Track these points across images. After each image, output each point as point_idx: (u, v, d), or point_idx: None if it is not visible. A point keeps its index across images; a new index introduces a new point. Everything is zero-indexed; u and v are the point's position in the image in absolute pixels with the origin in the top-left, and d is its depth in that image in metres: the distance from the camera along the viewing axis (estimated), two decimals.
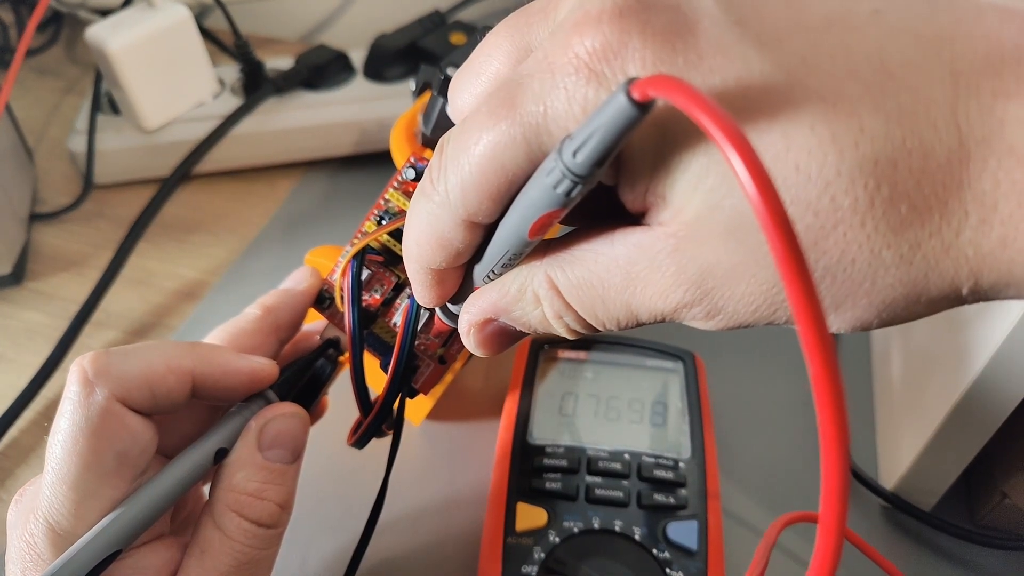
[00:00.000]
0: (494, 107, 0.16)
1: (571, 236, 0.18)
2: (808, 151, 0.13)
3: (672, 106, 0.12)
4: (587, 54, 0.14)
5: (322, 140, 0.49)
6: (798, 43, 0.14)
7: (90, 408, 0.21)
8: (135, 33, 0.45)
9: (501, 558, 0.28)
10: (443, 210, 0.17)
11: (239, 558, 0.22)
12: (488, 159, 0.16)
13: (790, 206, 0.14)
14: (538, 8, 0.17)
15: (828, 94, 0.14)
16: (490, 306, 0.19)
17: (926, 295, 0.15)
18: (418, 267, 0.19)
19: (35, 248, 0.46)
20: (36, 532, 0.21)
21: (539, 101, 0.15)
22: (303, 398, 0.26)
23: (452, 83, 0.19)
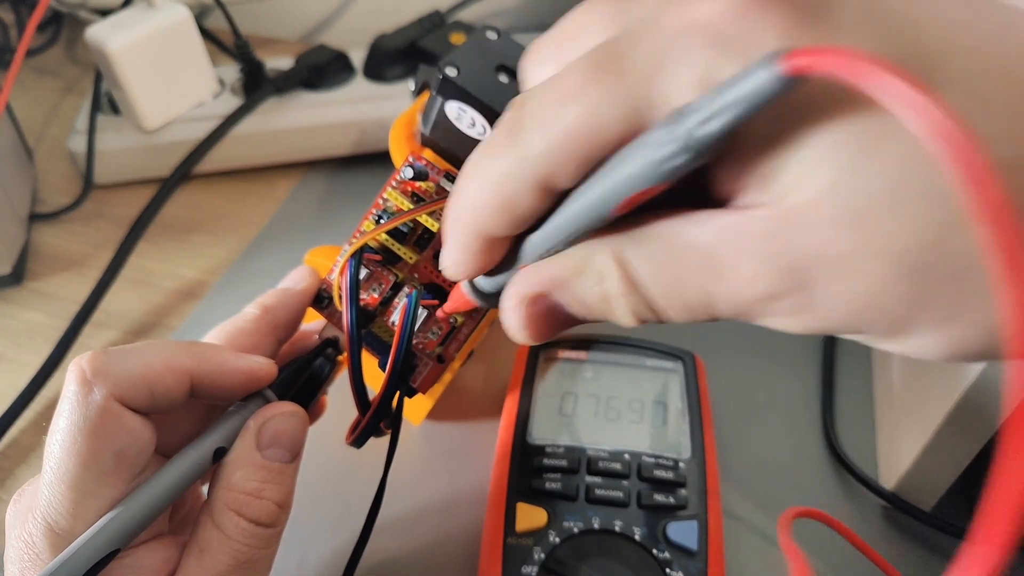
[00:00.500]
0: (595, 66, 0.14)
1: (644, 214, 0.16)
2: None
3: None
4: (714, 17, 0.13)
5: (322, 140, 0.49)
6: (932, 31, 0.14)
7: (88, 407, 0.21)
8: (135, 33, 0.45)
9: (501, 558, 0.28)
10: (518, 168, 0.16)
11: (237, 557, 0.22)
12: (584, 120, 0.14)
13: (916, 196, 0.13)
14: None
15: (970, 87, 0.13)
16: (546, 279, 0.17)
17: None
18: (469, 231, 0.18)
19: (35, 248, 0.46)
20: (34, 531, 0.21)
21: (650, 65, 0.14)
22: (302, 397, 0.26)
23: (531, 52, 0.17)
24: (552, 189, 0.16)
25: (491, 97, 0.26)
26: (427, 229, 0.27)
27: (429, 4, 0.52)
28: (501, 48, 0.27)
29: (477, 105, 0.26)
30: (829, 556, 0.30)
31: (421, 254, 0.28)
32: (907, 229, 0.13)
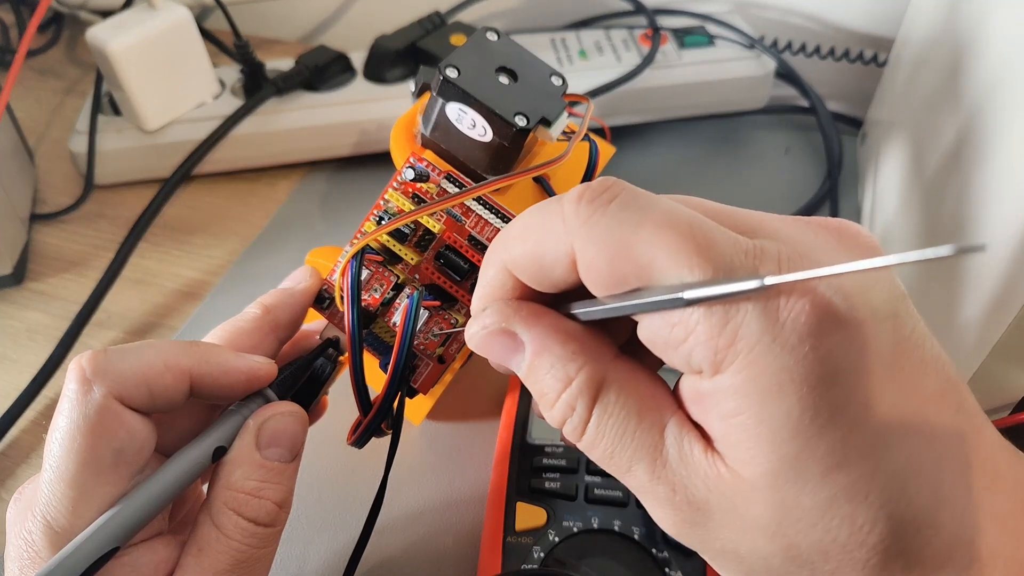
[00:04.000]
0: (701, 241, 0.16)
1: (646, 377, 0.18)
2: (882, 491, 0.15)
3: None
4: (792, 319, 0.15)
5: (322, 141, 0.49)
6: (912, 407, 0.16)
7: (88, 406, 0.21)
8: (136, 34, 0.45)
9: (501, 557, 0.28)
10: (560, 241, 0.17)
11: (237, 556, 0.22)
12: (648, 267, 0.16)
13: (836, 519, 0.15)
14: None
15: (915, 458, 0.16)
16: (539, 331, 0.18)
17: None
18: (497, 259, 0.19)
19: (36, 248, 0.47)
20: (34, 530, 0.21)
21: (747, 276, 0.15)
22: (302, 397, 0.26)
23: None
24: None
25: (491, 98, 0.26)
26: (428, 230, 0.27)
27: (429, 5, 0.52)
28: (501, 49, 0.27)
29: (477, 106, 0.26)
30: None
31: (422, 255, 0.28)
32: (808, 537, 0.16)
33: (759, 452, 0.15)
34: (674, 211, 0.16)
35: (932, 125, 0.36)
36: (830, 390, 0.15)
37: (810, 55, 0.53)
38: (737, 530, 0.16)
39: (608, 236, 0.17)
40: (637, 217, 0.16)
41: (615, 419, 0.17)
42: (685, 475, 0.17)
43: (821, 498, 0.15)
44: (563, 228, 0.17)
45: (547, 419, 0.19)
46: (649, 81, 0.49)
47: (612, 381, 0.18)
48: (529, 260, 0.18)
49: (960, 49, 0.33)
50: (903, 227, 0.37)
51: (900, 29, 0.45)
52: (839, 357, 0.15)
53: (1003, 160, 0.27)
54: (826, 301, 0.15)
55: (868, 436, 0.15)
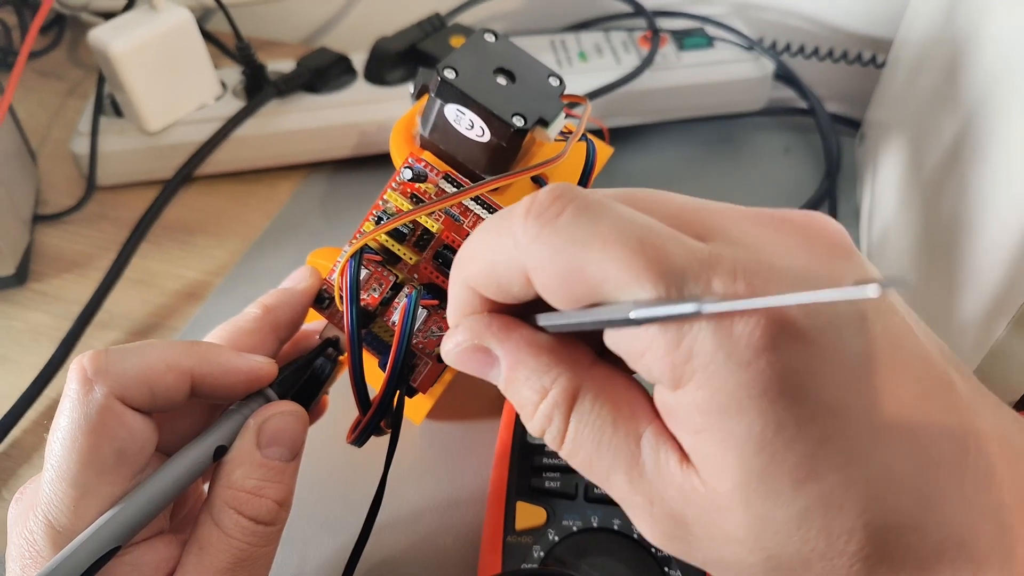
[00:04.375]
0: (651, 254, 0.15)
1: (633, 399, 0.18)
2: (856, 501, 0.15)
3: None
4: (746, 335, 0.15)
5: (323, 142, 0.50)
6: (889, 410, 0.16)
7: (89, 406, 0.21)
8: (137, 35, 0.45)
9: (501, 557, 0.28)
10: (512, 255, 0.17)
11: (237, 555, 0.22)
12: (598, 285, 0.16)
13: (815, 532, 0.15)
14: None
15: (891, 464, 0.15)
16: (511, 345, 0.18)
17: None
18: (459, 278, 0.19)
19: (38, 249, 0.47)
20: (35, 529, 0.21)
21: (697, 289, 0.15)
22: (302, 397, 0.26)
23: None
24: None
25: (489, 99, 0.26)
26: (427, 230, 0.28)
27: (429, 7, 0.53)
28: (499, 50, 0.27)
29: (475, 107, 0.26)
30: None
31: (421, 255, 0.28)
32: (786, 549, 0.16)
33: (728, 467, 0.15)
34: (625, 223, 0.16)
35: (930, 126, 0.36)
36: (793, 403, 0.15)
37: (809, 57, 0.53)
38: (718, 542, 0.16)
39: (558, 256, 0.16)
40: (587, 233, 0.16)
41: (591, 428, 0.17)
42: (661, 487, 0.17)
43: (794, 511, 0.15)
44: (513, 247, 0.17)
45: (528, 429, 0.19)
46: (648, 83, 0.49)
47: (588, 390, 0.18)
48: (486, 279, 0.18)
49: (958, 50, 0.34)
50: (901, 227, 0.37)
51: (898, 30, 0.45)
52: (800, 370, 0.15)
53: (1001, 160, 0.27)
54: (780, 314, 0.15)
55: (839, 446, 0.15)
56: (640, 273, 0.15)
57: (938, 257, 0.32)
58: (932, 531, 0.16)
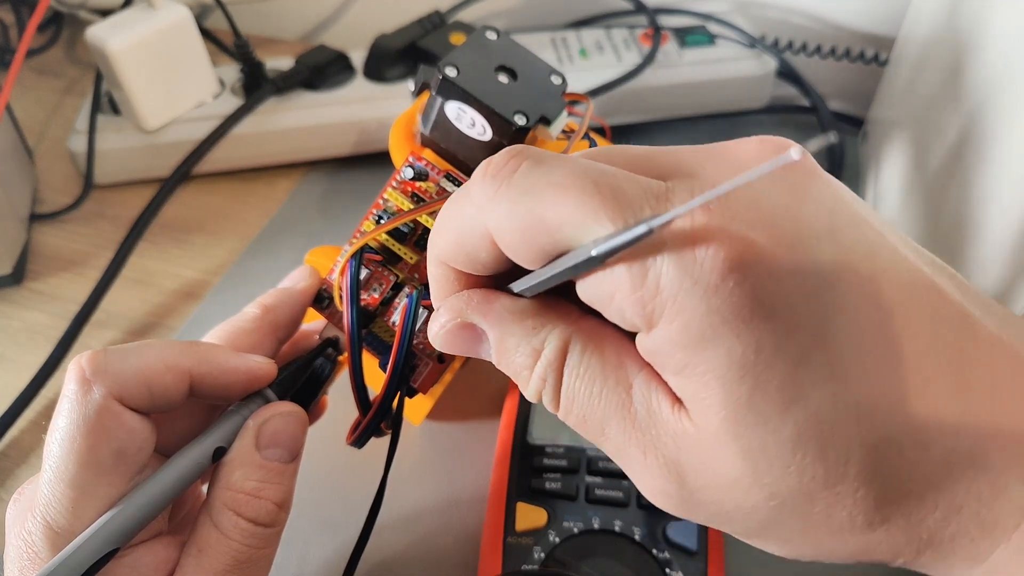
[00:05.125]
0: (607, 193, 0.15)
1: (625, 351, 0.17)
2: (848, 419, 0.15)
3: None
4: (699, 234, 0.15)
5: (322, 140, 0.49)
6: (870, 323, 0.15)
7: (87, 406, 0.21)
8: (135, 33, 0.45)
9: (501, 558, 0.28)
10: (479, 219, 0.17)
11: (237, 557, 0.22)
12: (559, 225, 0.16)
13: (810, 457, 0.15)
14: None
15: (876, 381, 0.15)
16: (494, 315, 0.18)
17: (867, 555, 0.16)
18: (432, 255, 0.19)
19: (35, 248, 0.46)
20: (34, 530, 0.21)
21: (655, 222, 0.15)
22: (302, 397, 0.26)
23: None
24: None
25: (491, 97, 0.26)
26: (427, 229, 0.27)
27: (429, 4, 0.52)
28: (500, 48, 0.27)
29: (477, 105, 0.26)
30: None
31: (421, 254, 0.28)
32: (785, 481, 0.15)
33: (713, 400, 0.15)
34: (579, 167, 0.16)
35: (933, 124, 0.36)
36: (767, 321, 0.15)
37: (811, 54, 0.53)
38: (715, 489, 0.16)
39: (516, 209, 0.16)
40: (541, 182, 0.16)
41: (582, 381, 0.17)
42: (655, 434, 0.16)
43: (785, 436, 0.15)
44: (474, 210, 0.17)
45: (527, 397, 0.18)
46: (650, 80, 0.49)
47: (576, 342, 0.17)
48: (455, 250, 0.18)
49: (961, 48, 0.33)
50: (904, 226, 0.37)
51: (901, 28, 0.45)
52: (769, 287, 0.15)
53: (1004, 159, 0.27)
54: (742, 235, 0.15)
55: (821, 361, 0.15)
56: (597, 210, 0.15)
57: (941, 255, 0.31)
58: (935, 445, 0.15)
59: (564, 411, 0.18)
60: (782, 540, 0.17)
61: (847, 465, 0.15)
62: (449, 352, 0.19)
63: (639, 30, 0.52)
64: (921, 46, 0.40)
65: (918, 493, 0.15)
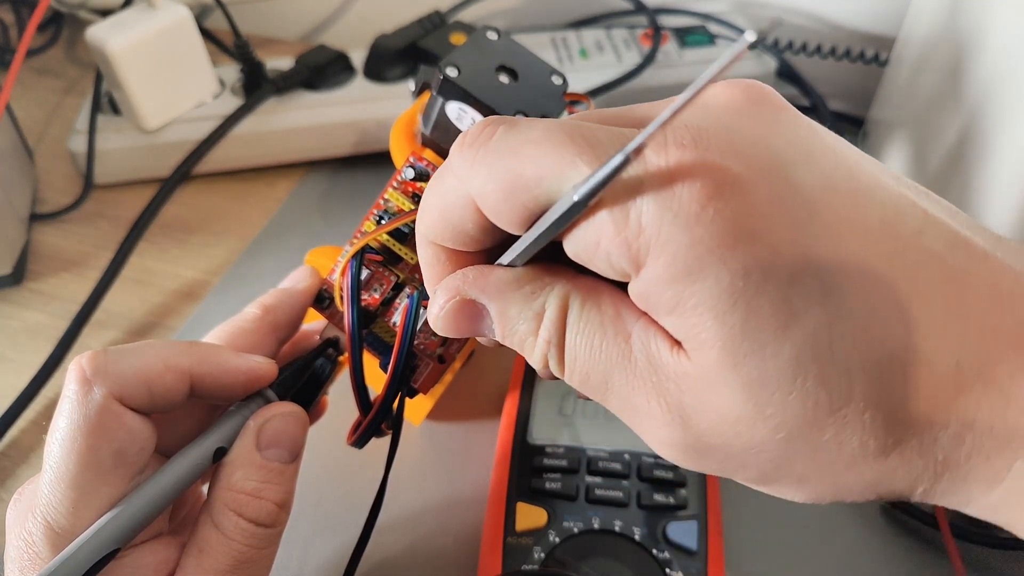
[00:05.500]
0: (580, 140, 0.16)
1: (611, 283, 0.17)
2: (844, 337, 0.15)
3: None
4: (675, 171, 0.15)
5: (322, 140, 0.49)
6: (857, 240, 0.15)
7: (88, 407, 0.21)
8: (135, 33, 0.45)
9: (501, 558, 0.28)
10: (461, 187, 0.17)
11: (237, 557, 0.22)
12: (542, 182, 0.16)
13: (812, 380, 0.15)
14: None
15: (871, 296, 0.15)
16: (492, 287, 0.18)
17: (886, 487, 0.16)
18: (420, 234, 0.19)
19: (35, 248, 0.46)
20: (34, 531, 0.21)
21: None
22: (302, 397, 0.26)
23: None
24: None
25: (492, 97, 0.26)
26: None
27: (429, 4, 0.52)
28: (501, 48, 0.27)
29: (478, 105, 0.26)
30: (828, 556, 0.30)
31: None
32: (790, 410, 0.15)
33: (709, 333, 0.15)
34: (552, 124, 0.16)
35: (934, 124, 0.36)
36: (752, 245, 0.15)
37: (811, 54, 0.53)
38: (721, 429, 0.16)
39: (495, 170, 0.16)
40: (517, 141, 0.16)
41: (583, 336, 0.17)
42: (657, 380, 0.16)
43: (783, 362, 0.15)
44: (455, 180, 0.17)
45: (535, 366, 0.18)
46: (650, 80, 0.49)
47: (575, 298, 0.17)
48: (441, 225, 0.18)
49: (961, 48, 0.33)
50: None
51: (901, 28, 0.45)
52: (751, 213, 0.15)
53: (1005, 159, 0.27)
54: (717, 164, 0.15)
55: (810, 282, 0.15)
56: (573, 158, 0.15)
57: None
58: (939, 360, 0.15)
59: (569, 371, 0.18)
60: (798, 481, 0.16)
61: (850, 386, 0.15)
62: (451, 335, 0.19)
63: (639, 30, 0.52)
64: (921, 46, 0.40)
65: (927, 411, 0.15)
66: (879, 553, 0.30)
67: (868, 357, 0.15)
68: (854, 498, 0.16)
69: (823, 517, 0.32)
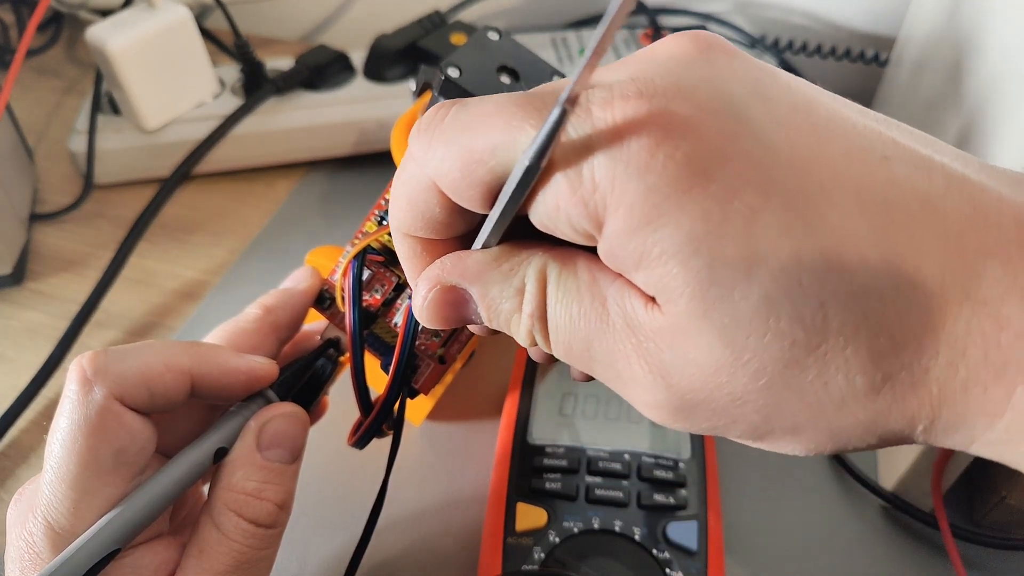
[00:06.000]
0: (526, 104, 0.16)
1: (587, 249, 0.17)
2: (814, 271, 0.14)
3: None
4: (621, 122, 0.15)
5: (322, 140, 0.49)
6: (818, 172, 0.15)
7: (88, 407, 0.21)
8: (135, 33, 0.45)
9: (501, 558, 0.28)
10: (420, 172, 0.17)
11: (237, 558, 0.22)
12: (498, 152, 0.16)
13: (785, 319, 0.14)
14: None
15: (838, 226, 0.14)
16: (471, 270, 0.18)
17: (884, 427, 0.15)
18: (394, 228, 0.19)
19: (35, 248, 0.46)
20: (35, 531, 0.21)
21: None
22: (303, 398, 0.26)
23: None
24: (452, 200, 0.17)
25: None
26: None
27: (429, 4, 0.52)
28: (503, 49, 0.27)
29: None
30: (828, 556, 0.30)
31: None
32: (767, 352, 0.15)
33: (676, 281, 0.15)
34: (504, 95, 0.16)
35: (934, 124, 0.36)
36: (707, 185, 0.14)
37: (811, 54, 0.53)
38: (703, 382, 0.15)
39: (450, 149, 0.17)
40: (469, 116, 0.17)
41: (562, 305, 0.17)
42: (636, 341, 0.16)
43: (754, 303, 0.14)
44: (415, 166, 0.18)
45: (523, 343, 0.18)
46: None
47: (551, 268, 0.17)
48: (410, 215, 0.18)
49: (962, 48, 0.33)
50: None
51: (902, 28, 0.45)
52: (703, 154, 0.14)
53: (1005, 159, 0.27)
54: (664, 109, 0.15)
55: (772, 216, 0.14)
56: (521, 122, 0.16)
57: None
58: (919, 285, 0.14)
59: (554, 344, 0.18)
60: (792, 431, 0.16)
61: (826, 321, 0.14)
62: (438, 325, 0.19)
63: (639, 30, 0.52)
64: (921, 47, 0.40)
65: (914, 339, 0.14)
66: (879, 553, 0.30)
67: (842, 289, 0.14)
68: (855, 444, 0.16)
69: (823, 517, 0.32)
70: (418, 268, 0.19)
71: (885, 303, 0.14)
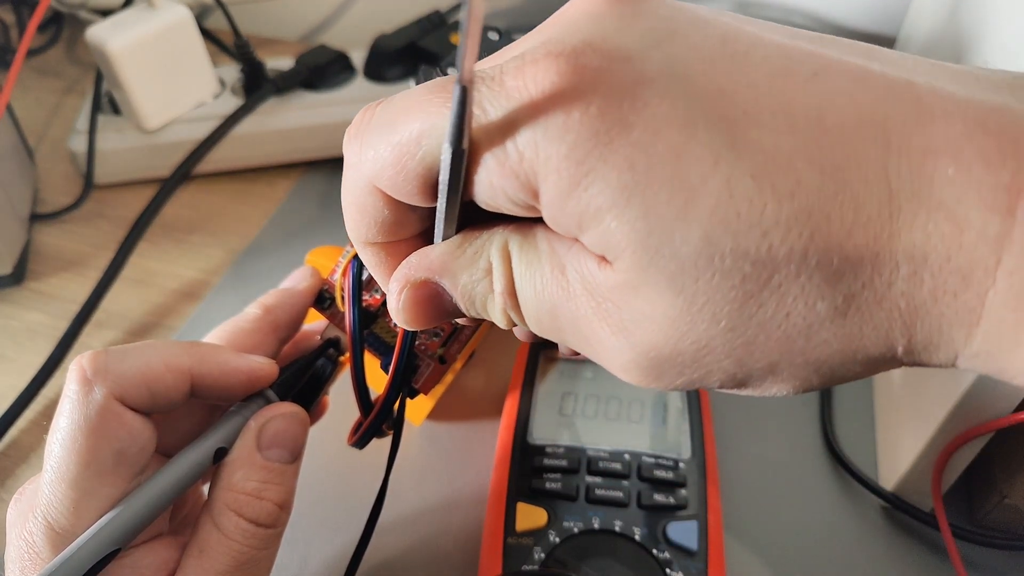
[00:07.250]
0: (445, 81, 0.16)
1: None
2: (749, 200, 0.14)
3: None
4: (534, 87, 0.15)
5: (322, 140, 0.49)
6: (742, 97, 0.14)
7: (89, 407, 0.21)
8: (135, 33, 0.45)
9: (501, 558, 0.28)
10: (357, 175, 0.17)
11: (237, 558, 0.22)
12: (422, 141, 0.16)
13: (730, 255, 0.14)
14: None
15: (768, 147, 0.14)
16: (437, 263, 0.18)
17: (862, 352, 0.15)
18: (356, 244, 0.19)
19: (36, 248, 0.46)
20: (35, 531, 0.21)
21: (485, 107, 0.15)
22: (303, 398, 0.26)
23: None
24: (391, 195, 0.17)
25: None
26: None
27: (429, 4, 0.52)
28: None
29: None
30: (828, 556, 0.30)
31: None
32: (719, 293, 0.14)
33: (617, 235, 0.14)
34: (424, 85, 0.16)
35: None
36: (628, 137, 0.14)
37: None
38: (666, 337, 0.15)
39: (380, 148, 0.16)
40: (393, 112, 0.17)
41: (526, 279, 0.17)
42: (596, 304, 0.16)
43: (696, 244, 0.14)
44: (354, 171, 0.18)
45: (502, 325, 0.18)
46: None
47: (512, 242, 0.17)
48: (362, 221, 0.18)
49: (962, 49, 0.33)
50: None
51: (901, 29, 0.45)
52: (617, 103, 0.14)
53: None
54: (573, 65, 0.14)
55: (700, 150, 0.14)
56: (439, 108, 0.16)
57: None
58: (866, 197, 0.14)
59: (527, 318, 0.18)
60: (771, 372, 0.15)
61: (771, 250, 0.14)
62: (419, 326, 0.19)
63: None
64: (921, 47, 0.40)
65: (869, 254, 0.14)
66: (879, 553, 0.30)
67: (782, 215, 0.14)
68: (841, 374, 0.15)
69: (823, 517, 0.32)
70: (387, 274, 0.19)
71: (831, 221, 0.14)
